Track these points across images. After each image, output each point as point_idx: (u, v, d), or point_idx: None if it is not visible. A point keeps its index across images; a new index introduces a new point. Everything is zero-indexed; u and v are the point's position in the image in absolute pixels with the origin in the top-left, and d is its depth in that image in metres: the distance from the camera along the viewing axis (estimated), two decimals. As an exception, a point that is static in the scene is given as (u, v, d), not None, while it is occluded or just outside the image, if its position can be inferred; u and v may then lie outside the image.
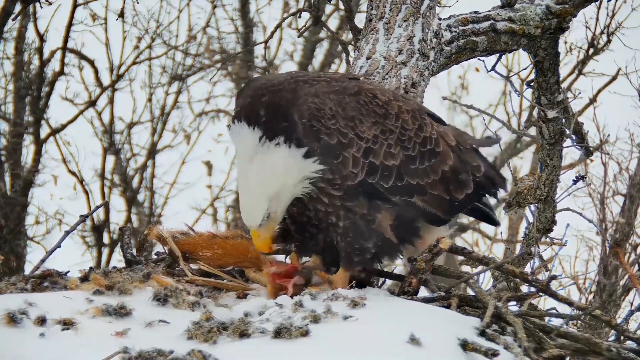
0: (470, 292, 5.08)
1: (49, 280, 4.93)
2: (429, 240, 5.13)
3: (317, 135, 4.89)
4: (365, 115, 4.96)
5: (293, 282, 4.98)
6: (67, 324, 4.19)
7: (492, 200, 5.39)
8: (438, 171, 5.06)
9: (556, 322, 5.02)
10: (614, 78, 13.56)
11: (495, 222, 5.54)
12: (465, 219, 16.19)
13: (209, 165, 17.52)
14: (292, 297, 4.85)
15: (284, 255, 5.31)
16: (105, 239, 15.66)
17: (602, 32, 12.34)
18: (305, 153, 4.87)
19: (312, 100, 4.91)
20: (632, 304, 10.79)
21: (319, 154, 4.88)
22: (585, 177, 7.81)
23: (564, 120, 7.43)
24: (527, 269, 7.80)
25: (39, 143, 14.53)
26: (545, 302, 8.59)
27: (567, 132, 7.42)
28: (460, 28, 6.74)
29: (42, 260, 5.67)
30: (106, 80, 15.71)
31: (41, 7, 13.41)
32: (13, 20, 12.97)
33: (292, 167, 4.88)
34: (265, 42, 8.45)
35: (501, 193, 5.36)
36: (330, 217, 4.96)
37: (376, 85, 5.23)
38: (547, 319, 4.92)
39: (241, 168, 4.95)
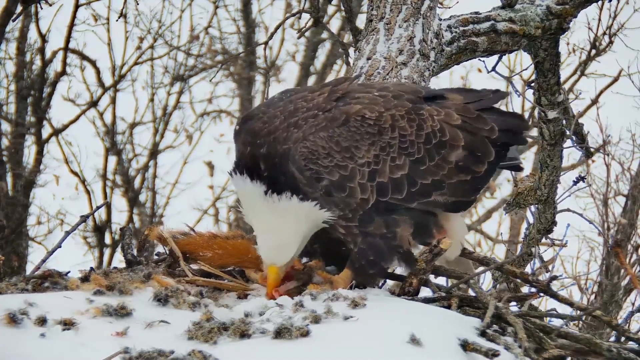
0: (471, 292, 5.08)
1: (49, 280, 4.93)
2: (451, 228, 5.12)
3: (318, 177, 4.87)
4: (360, 140, 4.91)
5: (285, 289, 4.98)
6: (67, 324, 4.19)
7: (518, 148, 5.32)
8: (451, 159, 5.01)
9: (557, 322, 5.03)
10: (616, 79, 13.58)
11: (518, 167, 5.45)
12: (467, 219, 16.19)
13: (210, 165, 17.55)
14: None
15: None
16: (107, 239, 15.68)
17: (604, 33, 12.36)
18: (314, 204, 4.87)
19: (303, 146, 4.87)
20: (633, 305, 10.79)
21: (324, 195, 4.88)
22: (586, 178, 7.81)
23: (564, 121, 7.42)
24: (528, 269, 7.80)
25: (41, 143, 14.55)
26: (546, 303, 8.60)
27: (568, 132, 7.41)
28: (461, 28, 6.74)
29: (43, 261, 5.68)
30: (108, 80, 15.76)
31: (41, 8, 13.43)
32: (14, 21, 12.98)
33: (306, 216, 4.89)
34: (266, 42, 8.45)
35: (527, 134, 5.29)
36: (348, 243, 4.97)
37: (362, 88, 5.16)
38: (547, 319, 4.93)
39: (255, 212, 4.95)
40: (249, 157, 4.97)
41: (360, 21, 9.34)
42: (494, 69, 7.38)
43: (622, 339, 4.89)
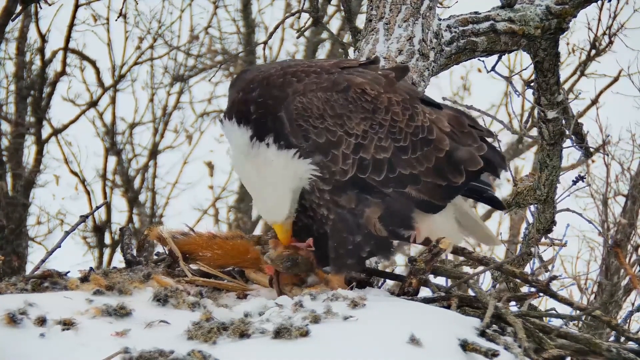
0: (470, 292, 5.08)
1: (49, 280, 4.94)
2: (423, 228, 5.13)
3: (306, 134, 4.90)
4: (354, 112, 4.95)
5: (307, 244, 5.01)
6: (67, 324, 4.19)
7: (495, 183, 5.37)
8: (431, 159, 5.05)
9: (556, 322, 5.03)
10: (616, 79, 13.60)
11: (500, 205, 5.51)
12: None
13: (210, 165, 17.54)
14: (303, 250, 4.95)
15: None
16: (107, 239, 15.68)
17: (604, 33, 12.36)
18: (296, 153, 4.89)
19: (299, 100, 4.91)
20: (633, 305, 10.79)
21: (308, 152, 4.90)
22: (585, 178, 7.82)
23: (563, 121, 7.42)
24: (527, 269, 7.80)
25: (41, 143, 14.56)
26: (546, 303, 8.60)
27: (567, 132, 7.42)
28: (460, 28, 6.74)
29: (43, 261, 5.69)
30: (108, 80, 15.76)
31: (41, 8, 13.43)
32: (13, 20, 12.98)
33: (290, 165, 4.90)
34: (265, 42, 8.45)
35: (501, 171, 5.33)
36: (321, 210, 4.98)
37: (368, 71, 5.18)
38: (547, 319, 4.93)
39: (244, 166, 4.97)
40: (240, 101, 4.99)
41: (360, 21, 9.33)
42: (493, 68, 7.40)
43: (622, 339, 4.90)
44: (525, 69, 9.58)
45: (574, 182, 7.75)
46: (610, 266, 11.21)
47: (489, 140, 5.31)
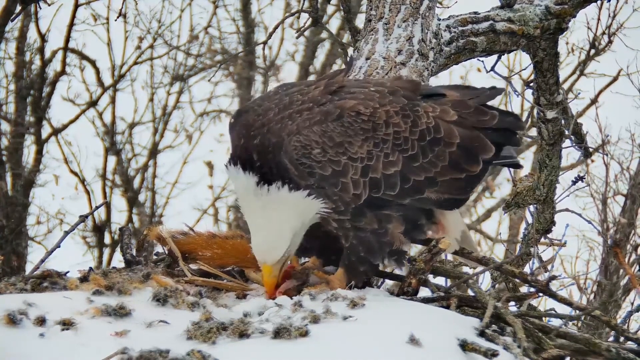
0: (470, 292, 5.08)
1: (48, 280, 4.94)
2: (447, 224, 5.13)
3: (310, 171, 4.86)
4: (354, 136, 4.91)
5: (285, 288, 4.98)
6: (66, 324, 4.20)
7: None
8: (445, 156, 5.00)
9: (556, 322, 5.03)
10: (615, 78, 13.61)
11: (516, 164, 5.43)
12: (467, 219, 16.19)
13: (210, 165, 17.54)
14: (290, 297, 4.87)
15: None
16: (107, 239, 15.68)
17: (603, 33, 12.36)
18: (306, 193, 4.86)
19: (296, 139, 4.87)
20: (632, 304, 10.79)
21: (317, 188, 4.87)
22: (585, 178, 7.81)
23: (563, 121, 7.42)
24: (527, 269, 7.80)
25: (40, 143, 14.55)
26: (545, 303, 8.61)
27: (567, 132, 7.42)
28: (460, 28, 6.73)
29: (42, 261, 5.68)
30: (107, 80, 15.75)
31: (40, 8, 13.43)
32: (12, 21, 12.98)
33: (297, 206, 4.87)
34: (265, 42, 8.45)
35: (522, 134, 5.24)
36: (341, 238, 4.96)
37: (360, 88, 5.16)
38: (546, 319, 4.93)
39: (248, 207, 4.94)
40: (243, 148, 4.97)
41: (360, 21, 9.33)
42: (492, 68, 7.39)
43: (621, 338, 4.90)
44: (524, 69, 9.61)
45: (574, 182, 7.75)
46: (610, 266, 11.21)
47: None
